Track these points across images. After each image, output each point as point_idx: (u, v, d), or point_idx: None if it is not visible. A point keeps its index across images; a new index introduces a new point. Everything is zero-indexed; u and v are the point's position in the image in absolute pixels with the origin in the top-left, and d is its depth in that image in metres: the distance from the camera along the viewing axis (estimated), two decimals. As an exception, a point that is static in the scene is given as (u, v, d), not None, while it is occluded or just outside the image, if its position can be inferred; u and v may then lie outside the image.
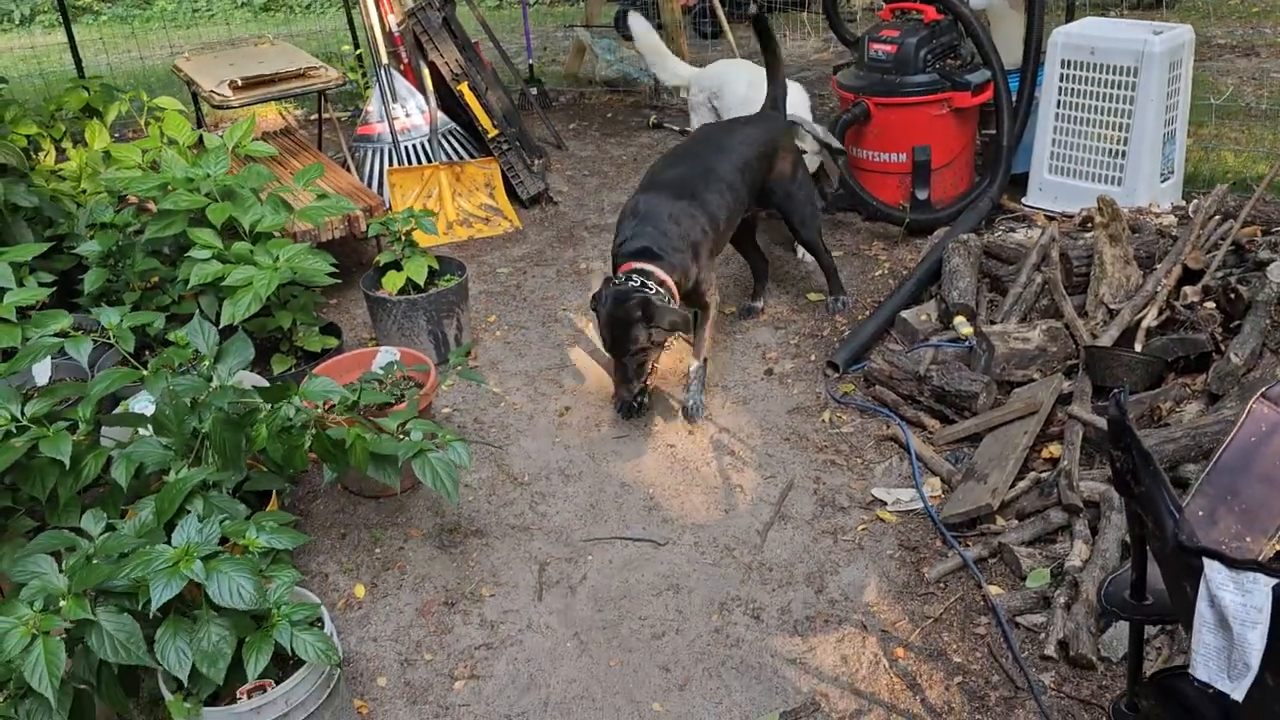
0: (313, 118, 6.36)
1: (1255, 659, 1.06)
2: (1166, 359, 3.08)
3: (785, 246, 4.60)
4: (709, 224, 3.45)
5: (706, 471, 3.22)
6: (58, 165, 4.18)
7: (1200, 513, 1.70)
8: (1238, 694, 1.08)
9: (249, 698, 2.03)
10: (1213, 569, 1.09)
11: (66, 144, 4.36)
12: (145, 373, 2.54)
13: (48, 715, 1.95)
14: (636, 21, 5.07)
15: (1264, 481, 1.64)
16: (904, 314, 3.78)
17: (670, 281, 3.28)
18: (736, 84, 4.69)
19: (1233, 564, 1.07)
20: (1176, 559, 1.18)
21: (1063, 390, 3.14)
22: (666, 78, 5.26)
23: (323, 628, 2.15)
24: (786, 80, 4.10)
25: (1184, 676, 1.60)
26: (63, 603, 1.92)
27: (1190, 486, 1.78)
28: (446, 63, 5.04)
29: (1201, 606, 1.10)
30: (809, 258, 4.28)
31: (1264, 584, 1.05)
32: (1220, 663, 1.10)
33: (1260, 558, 1.61)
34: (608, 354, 3.40)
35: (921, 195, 4.49)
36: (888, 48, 4.39)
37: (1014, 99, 4.41)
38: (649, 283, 3.24)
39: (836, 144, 4.32)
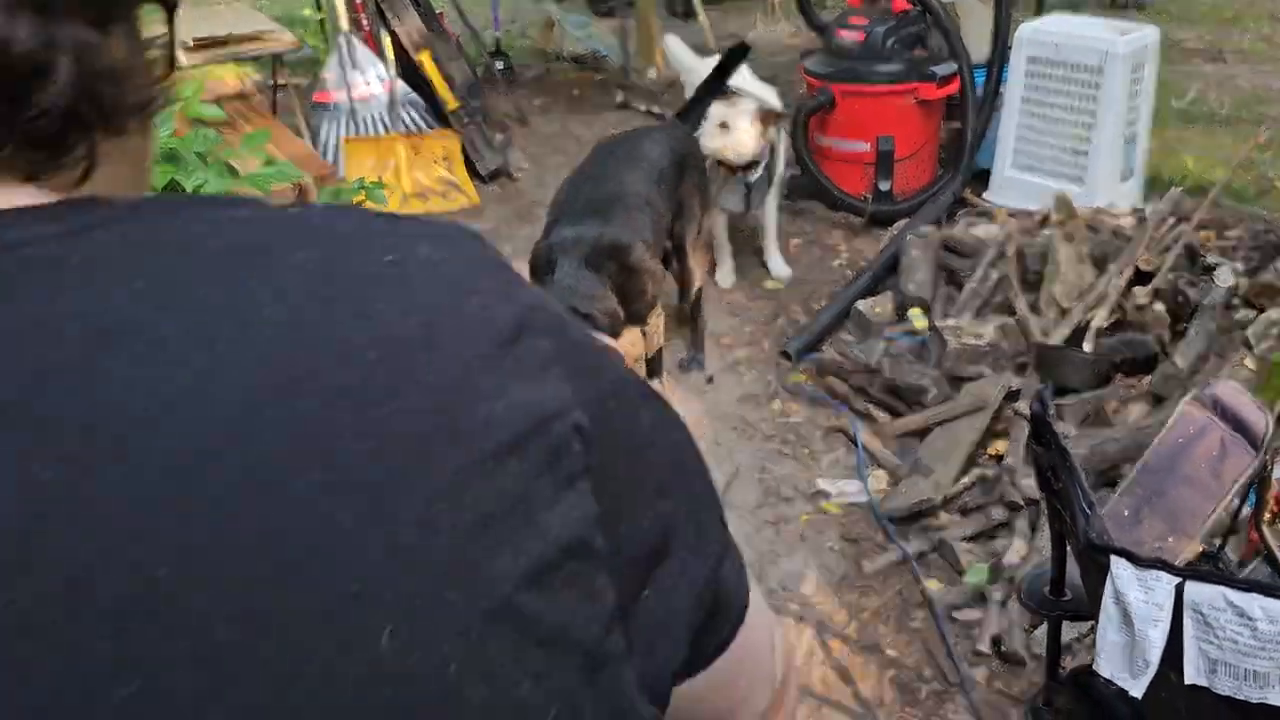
0: (270, 83, 6.26)
1: (1155, 656, 1.05)
2: (1114, 359, 3.09)
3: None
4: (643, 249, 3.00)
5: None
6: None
7: (1126, 512, 1.69)
8: (1137, 690, 1.07)
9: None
10: (1119, 566, 1.08)
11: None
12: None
13: None
14: (676, 46, 4.61)
15: (1188, 483, 1.64)
16: (860, 305, 3.77)
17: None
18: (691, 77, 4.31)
19: (1138, 562, 1.06)
20: (1088, 556, 1.17)
21: (1011, 387, 3.13)
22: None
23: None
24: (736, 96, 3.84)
25: (1099, 674, 1.60)
26: None
27: (1118, 486, 1.78)
28: (408, 31, 4.97)
29: (1107, 603, 1.09)
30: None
31: (1166, 582, 1.04)
32: (1123, 660, 1.09)
33: (1181, 559, 1.61)
34: None
35: (884, 186, 4.48)
36: (855, 35, 4.37)
37: (979, 93, 4.41)
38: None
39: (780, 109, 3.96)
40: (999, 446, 3.00)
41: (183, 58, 4.33)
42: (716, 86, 3.71)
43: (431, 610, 0.43)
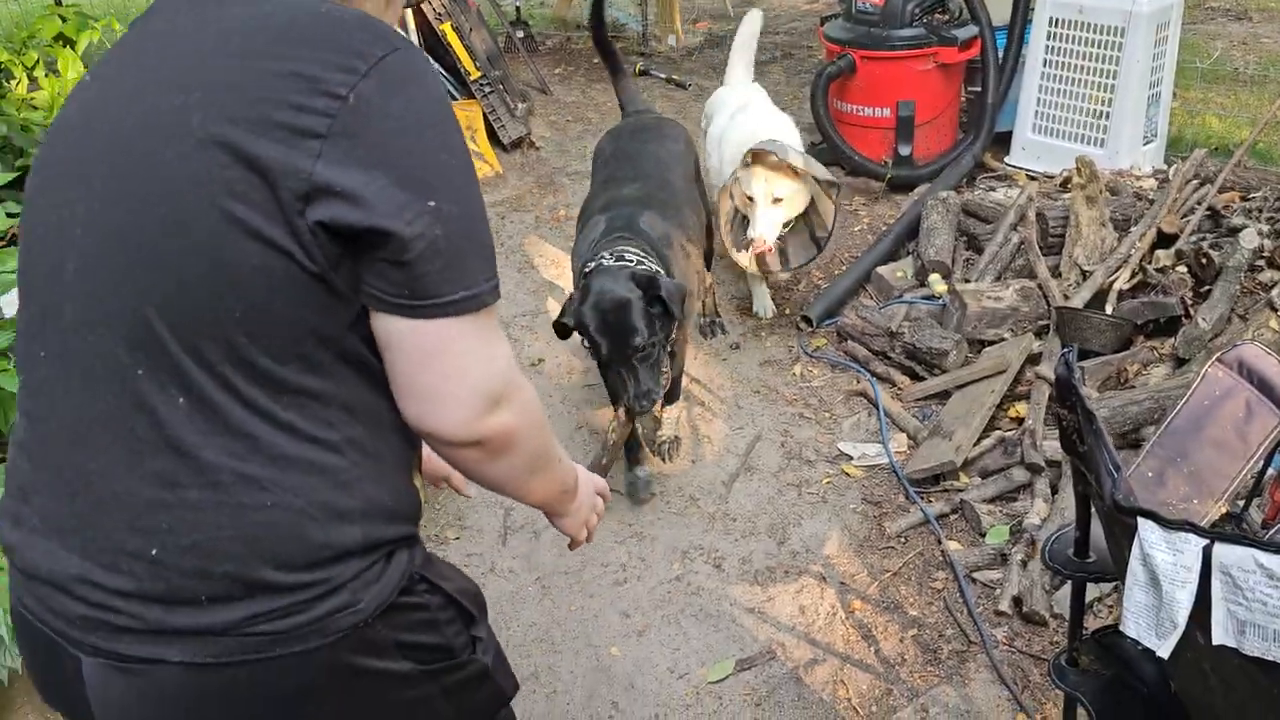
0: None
1: (1182, 617, 1.08)
2: (1136, 322, 3.10)
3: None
4: (687, 242, 2.99)
5: (680, 420, 3.23)
6: (29, 95, 4.10)
7: (1150, 474, 1.71)
8: (1164, 651, 1.10)
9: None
10: (1146, 528, 1.10)
11: (39, 73, 4.27)
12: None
13: (4, 649, 1.97)
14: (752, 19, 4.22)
15: (1214, 445, 1.66)
16: (880, 270, 3.78)
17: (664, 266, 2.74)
18: (720, 115, 3.91)
19: (1165, 524, 1.08)
20: (1114, 518, 1.19)
21: (1032, 350, 3.15)
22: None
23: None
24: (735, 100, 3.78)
25: (1124, 634, 1.63)
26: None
27: (1142, 448, 1.80)
28: (430, 2, 4.96)
29: (1134, 565, 1.12)
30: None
31: (1195, 544, 1.06)
32: (1149, 620, 1.12)
33: (1206, 520, 1.63)
34: (603, 358, 2.67)
35: (904, 151, 4.47)
36: (875, 0, 4.34)
37: (1000, 56, 4.38)
38: (646, 261, 2.69)
39: (831, 177, 3.46)
40: (1019, 409, 3.02)
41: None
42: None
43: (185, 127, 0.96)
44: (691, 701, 2.31)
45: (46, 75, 4.20)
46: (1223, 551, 1.05)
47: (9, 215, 2.93)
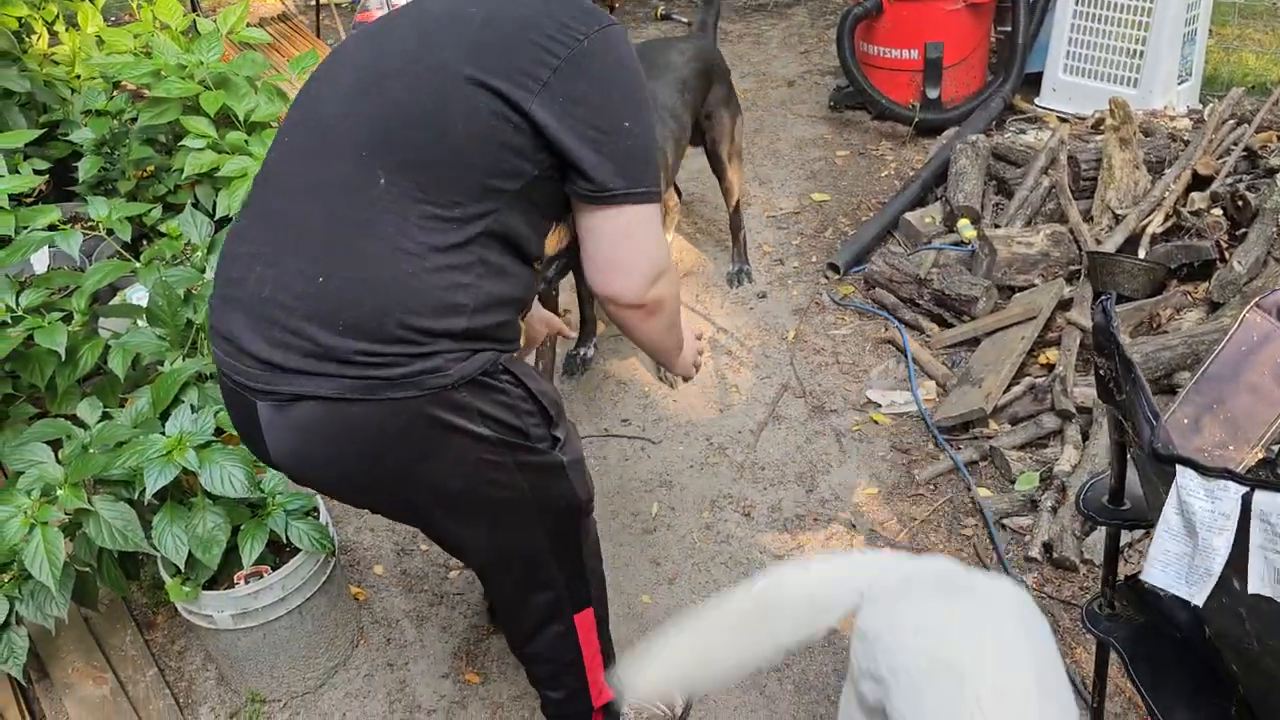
0: (311, 3, 6.20)
1: (1218, 565, 1.07)
2: (1169, 266, 3.05)
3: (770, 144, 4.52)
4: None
5: (703, 371, 3.23)
6: (50, 50, 4.09)
7: (1186, 420, 1.70)
8: (1198, 599, 1.10)
9: (246, 583, 2.08)
10: (1185, 476, 1.09)
11: (59, 27, 4.25)
12: (138, 264, 2.53)
13: (50, 598, 2.01)
14: None
15: (1251, 391, 1.64)
16: (908, 216, 3.74)
17: None
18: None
19: (1204, 471, 1.08)
20: (1152, 465, 1.19)
21: (1063, 296, 3.12)
22: None
23: (318, 517, 2.19)
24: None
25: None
26: (59, 491, 1.95)
27: (1178, 394, 1.78)
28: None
29: (1168, 513, 1.11)
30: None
31: (1234, 491, 1.06)
32: (1179, 569, 1.12)
33: (1242, 467, 1.62)
34: None
35: (932, 94, 4.39)
36: (903, -62, 4.24)
37: (1032, -6, 4.28)
38: None
39: None
40: (1050, 355, 3.00)
41: (224, -20, 4.31)
42: None
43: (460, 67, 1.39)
44: (722, 647, 2.34)
45: (67, 29, 4.19)
46: (1263, 499, 1.05)
47: (36, 172, 2.95)
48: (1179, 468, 1.11)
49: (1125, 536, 2.29)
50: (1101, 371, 1.33)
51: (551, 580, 1.74)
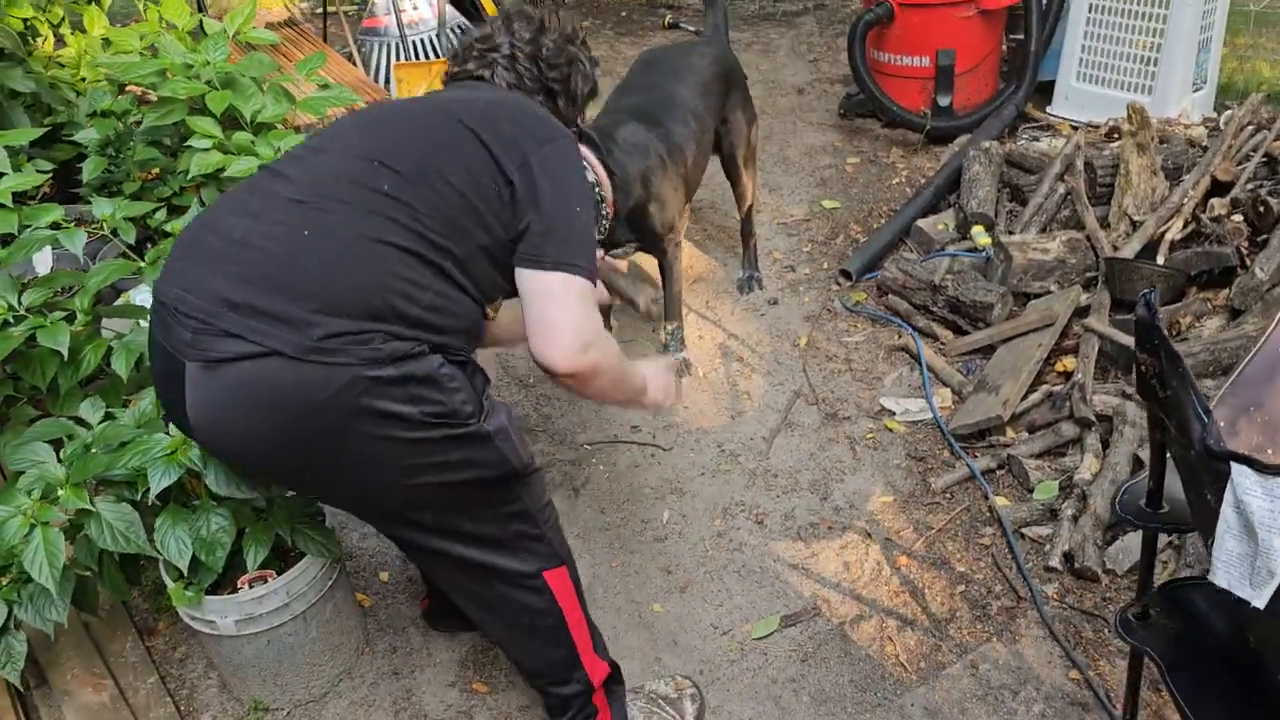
0: (318, 10, 6.19)
1: None
2: (1189, 272, 3.01)
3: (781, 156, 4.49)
4: (667, 153, 2.95)
5: (714, 377, 3.18)
6: (56, 52, 4.06)
7: (1222, 424, 1.64)
8: (1259, 601, 1.05)
9: (250, 587, 2.03)
10: (1241, 474, 1.05)
11: (64, 29, 4.22)
12: (143, 264, 2.49)
13: (50, 602, 1.96)
14: None
15: (1290, 393, 1.59)
16: (920, 222, 3.70)
17: (605, 180, 2.50)
18: None
19: (1262, 468, 1.03)
20: (1202, 464, 1.14)
21: (1080, 303, 3.07)
22: None
23: (324, 522, 2.14)
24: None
25: (1195, 587, 1.58)
26: (61, 492, 1.90)
27: (1212, 398, 1.73)
28: (456, -48, 4.87)
29: (1226, 512, 1.06)
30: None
31: (1293, 490, 1.01)
32: (1242, 570, 1.07)
33: (1281, 470, 1.57)
34: None
35: (944, 101, 4.36)
36: (915, -56, 4.21)
37: (1044, 2, 4.25)
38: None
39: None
40: (1067, 363, 2.95)
41: (233, -18, 4.29)
42: None
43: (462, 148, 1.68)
44: (736, 657, 2.28)
45: (73, 32, 4.16)
46: (1324, 497, 1.00)
47: (40, 171, 2.91)
48: (1234, 465, 1.06)
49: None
50: (1143, 367, 1.28)
51: (501, 538, 1.77)
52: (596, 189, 2.53)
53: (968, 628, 2.31)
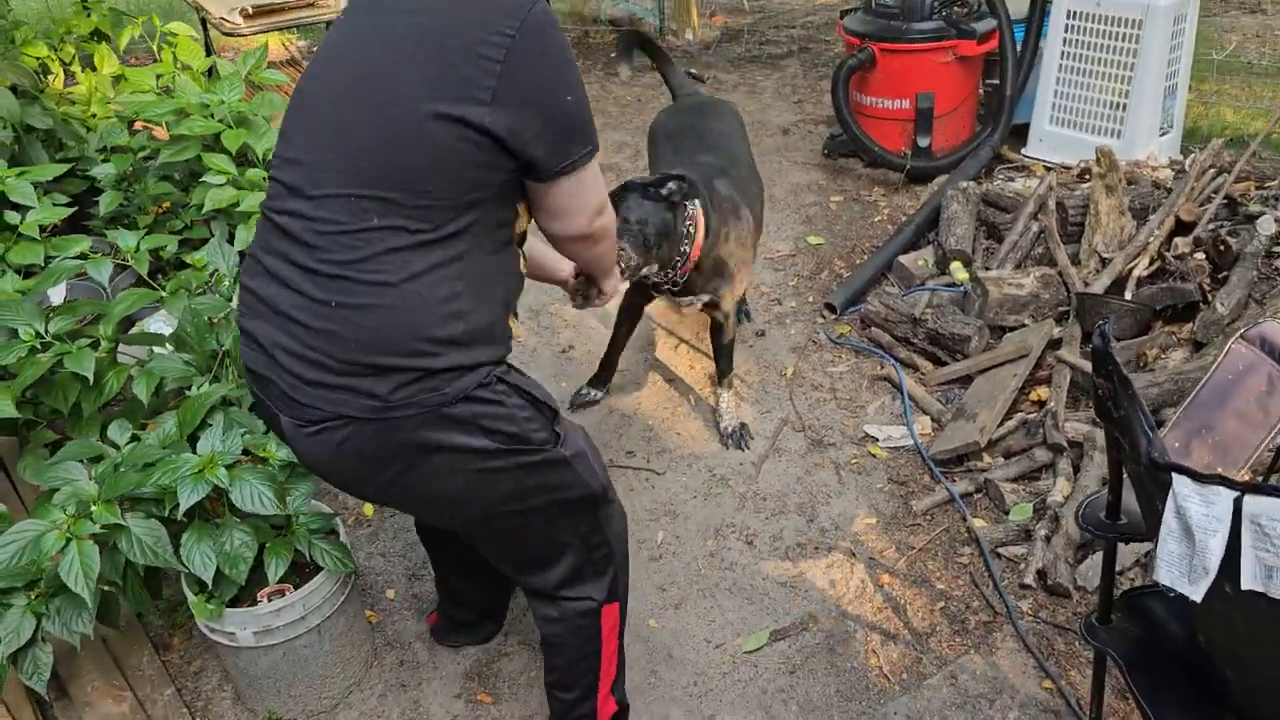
0: (314, 48, 6.36)
1: (1214, 563, 1.16)
2: (1155, 307, 3.18)
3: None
4: (751, 213, 2.99)
5: (705, 406, 3.32)
6: (67, 89, 4.20)
7: (1176, 444, 1.80)
8: (1196, 595, 1.19)
9: (269, 600, 2.14)
10: (1180, 483, 1.19)
11: (75, 68, 4.37)
12: (163, 293, 2.62)
13: (77, 613, 2.06)
14: None
15: (1237, 417, 1.74)
16: (901, 258, 3.86)
17: (701, 221, 2.70)
18: None
19: (1199, 478, 1.17)
20: (1149, 475, 1.28)
21: (1053, 335, 3.23)
22: None
23: (338, 538, 2.25)
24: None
25: (1154, 595, 1.72)
26: (94, 508, 2.01)
27: (1168, 421, 1.88)
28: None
29: (1168, 517, 1.20)
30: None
31: (1225, 496, 1.15)
32: (1182, 568, 1.20)
33: (1229, 486, 1.72)
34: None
35: (923, 143, 4.55)
36: (895, -7, 4.41)
37: (1019, 49, 4.45)
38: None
39: None
40: (1041, 392, 3.10)
41: (242, 25, 4.45)
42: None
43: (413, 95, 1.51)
44: (728, 670, 2.40)
45: (83, 70, 4.30)
46: (1252, 502, 1.14)
47: (55, 205, 3.03)
48: (1175, 476, 1.20)
49: (1122, 564, 2.37)
50: (1100, 391, 1.42)
51: (577, 562, 1.87)
52: (689, 231, 2.66)
53: (947, 641, 2.44)
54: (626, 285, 2.30)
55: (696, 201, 2.71)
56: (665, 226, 2.60)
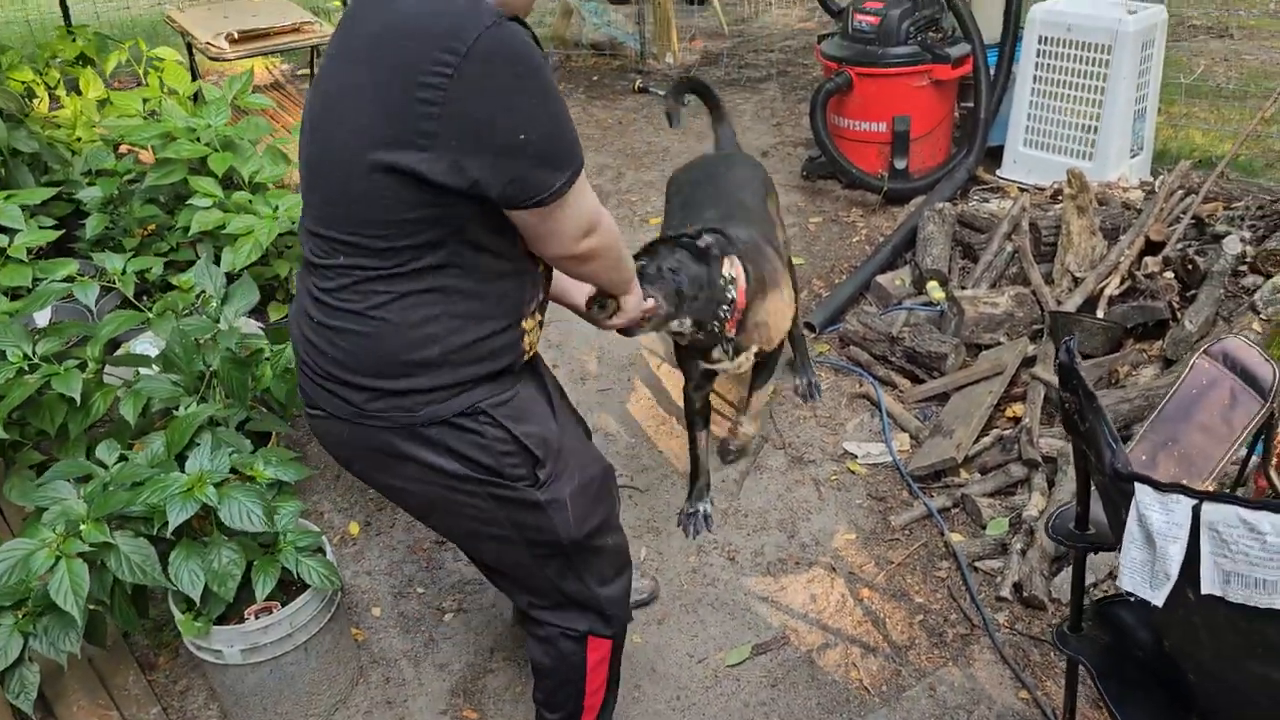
0: (300, 72, 6.40)
1: (1174, 569, 1.21)
2: (1126, 325, 3.25)
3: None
4: (784, 263, 2.93)
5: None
6: (52, 113, 4.23)
7: (1143, 457, 1.85)
8: (1158, 600, 1.23)
9: (256, 618, 2.16)
10: (1142, 491, 1.23)
11: (61, 92, 4.40)
12: (150, 315, 2.64)
13: (65, 632, 2.08)
14: None
15: (1202, 430, 1.80)
16: (879, 278, 3.92)
17: (740, 271, 2.58)
18: None
19: (1159, 486, 1.22)
20: (1113, 485, 1.33)
21: (1027, 353, 3.30)
22: None
23: (325, 556, 2.28)
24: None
25: (1123, 603, 1.77)
26: (83, 527, 2.03)
27: (1134, 435, 1.94)
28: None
29: (1131, 525, 1.25)
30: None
31: (1185, 504, 1.20)
32: (1144, 575, 1.25)
33: (1194, 497, 1.77)
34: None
35: (900, 165, 4.62)
36: (871, 19, 4.50)
37: (992, 73, 4.54)
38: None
39: None
40: (1016, 409, 3.16)
41: (227, 50, 4.49)
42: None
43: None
44: (711, 684, 2.43)
45: (69, 94, 4.33)
46: (1210, 509, 1.19)
47: (41, 228, 3.06)
48: (1137, 485, 1.25)
49: (1091, 576, 2.42)
50: (1066, 405, 1.48)
51: (551, 594, 1.89)
52: (729, 282, 2.52)
53: (926, 654, 2.48)
54: (651, 327, 2.24)
55: (734, 257, 2.58)
56: (699, 279, 2.46)
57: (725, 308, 2.54)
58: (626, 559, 2.01)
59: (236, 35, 4.52)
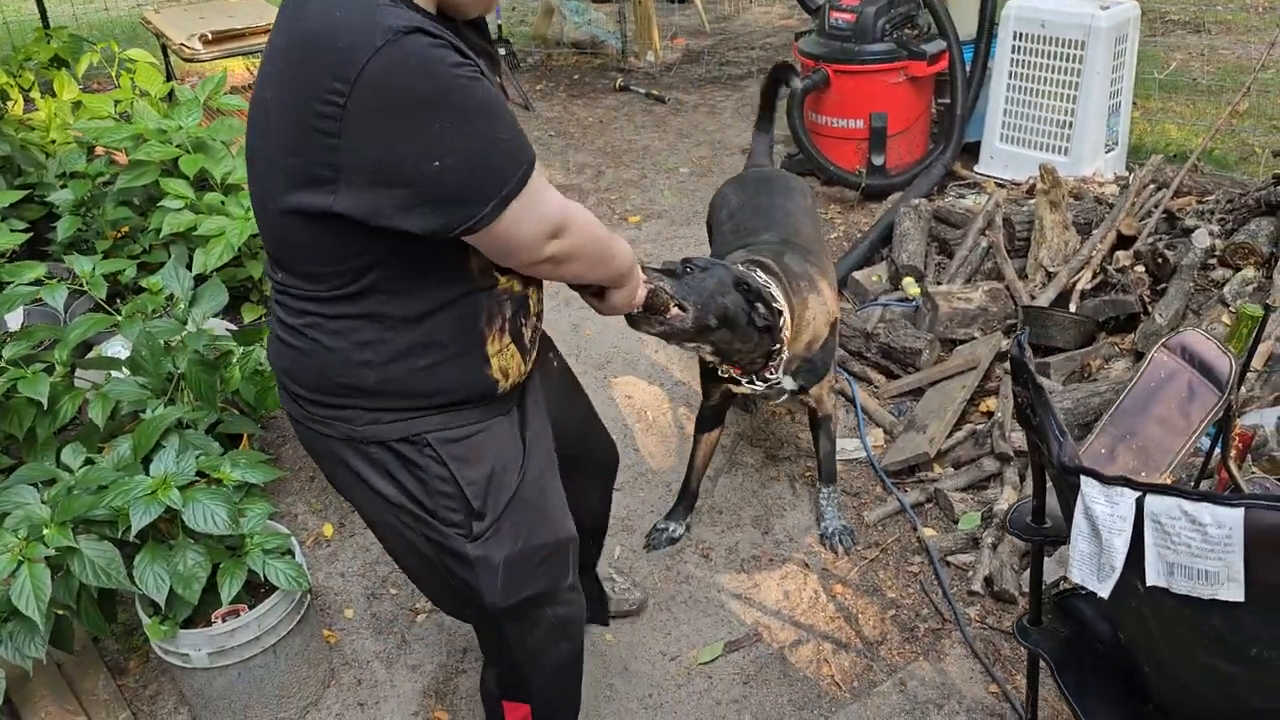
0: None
1: (1119, 561, 1.22)
2: (1098, 319, 3.26)
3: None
4: (834, 292, 2.71)
5: (662, 421, 3.36)
6: (26, 115, 4.21)
7: (1102, 450, 1.86)
8: (1104, 592, 1.24)
9: (223, 621, 2.16)
10: (1087, 484, 1.24)
11: (34, 94, 4.38)
12: (119, 318, 2.64)
13: (30, 638, 2.07)
14: None
15: (1159, 423, 1.81)
16: (855, 274, 3.93)
17: (785, 303, 2.38)
18: None
19: (1104, 480, 1.22)
20: (1061, 478, 1.33)
21: (1001, 348, 3.30)
22: None
23: (294, 558, 2.27)
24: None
25: (1082, 597, 1.77)
26: (46, 531, 2.03)
27: (1093, 429, 1.95)
28: (414, 21, 5.09)
29: (1078, 517, 1.26)
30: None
31: (1129, 497, 1.20)
32: (1091, 567, 1.26)
33: (1152, 490, 1.78)
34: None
35: (877, 161, 4.63)
36: (847, 16, 4.51)
37: (968, 69, 4.55)
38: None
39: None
40: (989, 404, 3.17)
41: (201, 51, 4.48)
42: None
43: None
44: (683, 681, 2.44)
45: (43, 96, 4.32)
46: (1153, 502, 1.19)
47: (12, 231, 3.05)
48: (1083, 478, 1.25)
49: (1055, 571, 2.43)
50: (1019, 399, 1.48)
51: (483, 645, 1.87)
52: (780, 318, 2.33)
53: (897, 649, 2.48)
54: (659, 332, 1.99)
55: (776, 288, 2.38)
56: (732, 311, 2.19)
57: (776, 348, 2.36)
58: (571, 634, 1.84)
59: (210, 36, 4.51)
